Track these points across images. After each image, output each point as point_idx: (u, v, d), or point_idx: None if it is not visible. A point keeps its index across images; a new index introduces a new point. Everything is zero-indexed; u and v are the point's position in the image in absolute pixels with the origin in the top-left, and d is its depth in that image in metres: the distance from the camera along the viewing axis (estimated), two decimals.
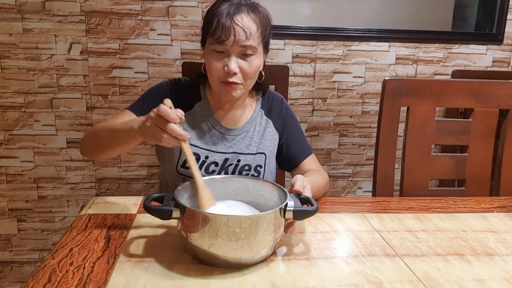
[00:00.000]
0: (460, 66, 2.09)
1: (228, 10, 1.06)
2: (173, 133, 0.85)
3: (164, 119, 0.84)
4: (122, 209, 1.08)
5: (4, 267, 2.04)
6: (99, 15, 1.85)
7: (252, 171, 1.20)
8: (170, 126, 0.84)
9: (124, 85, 1.93)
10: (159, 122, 0.85)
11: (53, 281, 0.76)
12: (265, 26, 1.11)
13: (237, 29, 1.05)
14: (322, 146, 2.11)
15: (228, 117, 1.21)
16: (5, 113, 1.89)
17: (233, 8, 1.07)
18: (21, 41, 1.83)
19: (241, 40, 1.06)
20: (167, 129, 0.85)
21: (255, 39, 1.08)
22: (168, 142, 0.86)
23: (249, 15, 1.08)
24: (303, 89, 2.03)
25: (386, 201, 1.26)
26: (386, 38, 2.02)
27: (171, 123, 0.84)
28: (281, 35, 1.95)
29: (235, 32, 1.05)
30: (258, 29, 1.09)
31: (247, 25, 1.06)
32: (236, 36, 1.05)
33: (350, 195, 2.19)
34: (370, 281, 0.81)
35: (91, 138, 1.13)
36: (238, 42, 1.06)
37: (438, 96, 1.39)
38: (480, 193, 1.41)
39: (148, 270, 0.81)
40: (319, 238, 0.97)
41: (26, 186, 1.97)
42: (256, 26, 1.08)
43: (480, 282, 0.83)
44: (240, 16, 1.07)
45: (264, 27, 1.11)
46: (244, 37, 1.06)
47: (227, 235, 0.78)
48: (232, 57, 1.08)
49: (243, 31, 1.06)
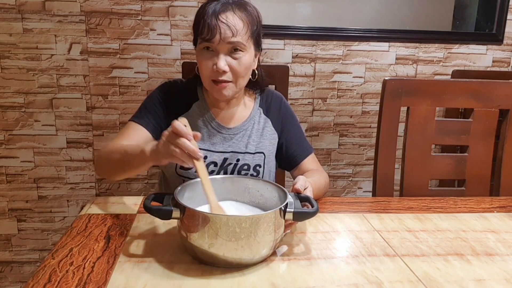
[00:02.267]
0: (460, 66, 2.09)
1: (214, 9, 1.07)
2: (185, 149, 0.83)
3: (177, 135, 0.83)
4: (122, 209, 1.08)
5: (4, 267, 2.04)
6: (99, 15, 1.85)
7: (251, 170, 1.20)
8: (181, 141, 0.82)
9: (124, 85, 1.93)
10: (172, 137, 0.84)
11: (53, 281, 0.76)
12: (252, 23, 1.11)
13: (223, 26, 1.06)
14: (322, 146, 2.11)
15: (226, 115, 1.21)
16: (5, 113, 1.89)
17: (219, 6, 1.08)
18: (21, 41, 1.83)
19: (227, 38, 1.06)
20: (178, 144, 0.83)
21: (242, 36, 1.08)
22: (181, 158, 0.84)
23: (235, 13, 1.08)
24: (303, 89, 2.03)
25: (386, 201, 1.26)
26: (386, 38, 2.02)
27: (183, 138, 0.83)
28: (281, 35, 1.95)
29: (221, 30, 1.05)
30: (244, 25, 1.08)
31: (232, 22, 1.06)
32: (222, 33, 1.06)
33: (350, 195, 2.19)
34: (370, 281, 0.81)
35: (106, 161, 1.10)
36: (225, 39, 1.06)
37: (438, 96, 1.39)
38: (480, 193, 1.41)
39: (148, 270, 0.81)
40: (319, 238, 0.97)
41: (26, 186, 1.97)
42: (242, 23, 1.08)
43: (480, 282, 0.83)
44: (225, 14, 1.07)
45: (252, 23, 1.11)
46: (230, 34, 1.06)
47: (227, 235, 0.78)
48: (221, 55, 1.08)
49: (229, 28, 1.06)
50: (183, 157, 0.84)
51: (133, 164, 0.99)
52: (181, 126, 0.83)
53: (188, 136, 0.83)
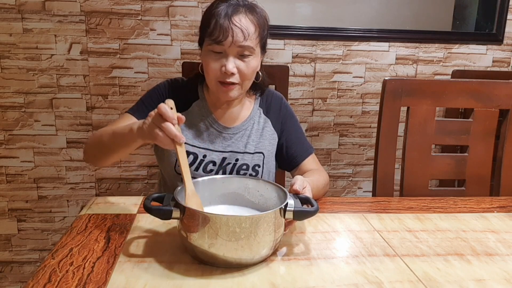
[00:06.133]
0: (460, 66, 2.09)
1: (226, 11, 1.07)
2: (168, 132, 0.84)
3: (162, 118, 0.84)
4: (122, 209, 1.08)
5: (4, 267, 2.04)
6: (99, 15, 1.85)
7: (250, 170, 1.20)
8: (166, 125, 0.84)
9: (124, 85, 1.93)
10: (157, 120, 0.85)
11: (53, 281, 0.76)
12: (262, 27, 1.12)
13: (235, 29, 1.06)
14: (322, 146, 2.11)
15: (226, 115, 1.21)
16: (5, 113, 1.89)
17: (231, 8, 1.07)
18: (21, 41, 1.83)
19: (239, 41, 1.06)
20: (163, 127, 0.84)
21: (252, 40, 1.08)
22: (163, 142, 0.85)
23: (247, 16, 1.08)
24: (303, 89, 2.03)
25: (386, 201, 1.26)
26: (386, 38, 2.02)
27: (167, 122, 0.84)
28: (281, 35, 1.95)
29: (233, 33, 1.06)
30: (256, 30, 1.09)
31: (245, 25, 1.07)
32: (234, 36, 1.06)
33: (350, 195, 2.19)
34: (370, 281, 0.81)
35: (93, 144, 1.12)
36: (236, 42, 1.06)
37: (438, 96, 1.39)
38: (480, 193, 1.41)
39: (148, 270, 0.81)
40: (319, 238, 0.97)
41: (26, 186, 1.97)
42: (254, 27, 1.09)
43: (480, 282, 0.83)
44: (238, 17, 1.07)
45: (262, 28, 1.12)
46: (242, 38, 1.06)
47: (227, 235, 0.78)
48: (230, 57, 1.08)
49: (241, 31, 1.06)
50: (166, 140, 0.85)
51: (121, 143, 1.01)
52: (166, 108, 0.84)
53: (173, 120, 0.84)
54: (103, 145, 1.07)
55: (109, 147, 1.05)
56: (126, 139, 0.99)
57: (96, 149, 1.11)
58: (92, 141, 1.13)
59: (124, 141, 0.99)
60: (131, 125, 0.96)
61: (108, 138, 1.05)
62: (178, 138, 0.85)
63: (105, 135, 1.06)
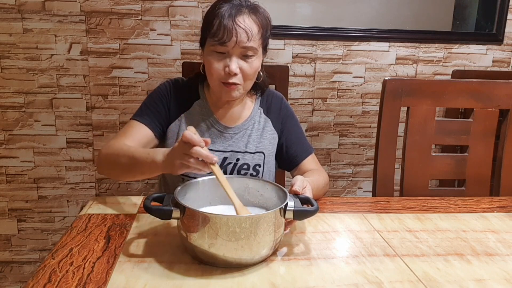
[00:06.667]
0: (460, 66, 2.09)
1: (230, 11, 1.07)
2: (199, 155, 0.83)
3: (189, 144, 0.84)
4: (122, 209, 1.08)
5: (4, 267, 2.04)
6: (99, 15, 1.85)
7: (251, 170, 1.20)
8: (195, 149, 0.83)
9: (124, 85, 1.92)
10: (184, 148, 0.84)
11: (53, 281, 0.76)
12: (265, 28, 1.12)
13: (239, 30, 1.06)
14: (322, 146, 2.11)
15: (227, 115, 1.22)
16: (5, 113, 1.89)
17: (234, 9, 1.07)
18: (21, 41, 1.83)
19: (243, 42, 1.06)
20: (192, 153, 0.83)
21: (256, 41, 1.09)
22: (197, 167, 0.85)
23: (250, 17, 1.08)
24: (303, 89, 2.03)
25: (386, 201, 1.26)
26: (386, 38, 2.02)
27: (196, 147, 0.83)
28: (281, 35, 1.95)
29: (237, 34, 1.06)
30: (259, 30, 1.09)
31: (249, 26, 1.07)
32: (238, 37, 1.06)
33: (350, 195, 2.19)
34: (370, 281, 0.81)
35: (110, 162, 1.09)
36: (240, 43, 1.06)
37: (438, 96, 1.39)
38: (480, 193, 1.41)
39: (148, 270, 0.81)
40: (319, 238, 0.97)
41: (26, 186, 1.97)
42: (257, 27, 1.09)
43: (480, 282, 0.83)
44: (242, 18, 1.07)
45: (265, 28, 1.12)
46: (246, 39, 1.06)
47: (227, 235, 0.78)
48: (233, 58, 1.08)
49: (245, 32, 1.06)
50: (199, 165, 0.84)
51: (142, 171, 1.00)
52: (191, 135, 0.84)
53: (200, 143, 0.84)
54: (121, 166, 1.05)
55: (128, 170, 1.04)
56: (147, 170, 0.98)
57: (113, 168, 1.09)
58: (108, 158, 1.09)
59: (145, 170, 0.99)
60: (152, 156, 0.94)
61: (126, 161, 1.02)
62: (210, 158, 0.84)
63: (123, 156, 1.03)
